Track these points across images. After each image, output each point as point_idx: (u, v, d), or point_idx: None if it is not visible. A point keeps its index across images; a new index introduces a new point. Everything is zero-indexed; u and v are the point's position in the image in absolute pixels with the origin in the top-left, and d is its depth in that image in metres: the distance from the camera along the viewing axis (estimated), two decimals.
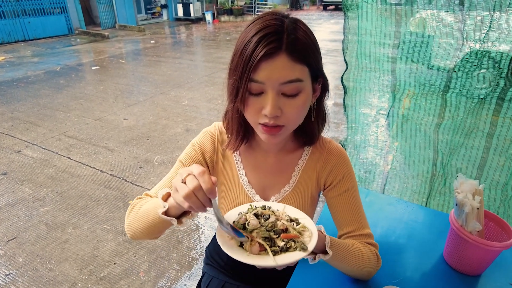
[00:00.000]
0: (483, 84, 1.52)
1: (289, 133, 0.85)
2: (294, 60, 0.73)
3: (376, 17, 1.62)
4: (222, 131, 1.00)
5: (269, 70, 0.72)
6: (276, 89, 0.74)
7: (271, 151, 0.98)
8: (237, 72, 0.75)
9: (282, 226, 0.74)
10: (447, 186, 1.73)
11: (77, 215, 2.85)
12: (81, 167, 3.60)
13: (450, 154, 1.66)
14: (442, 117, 1.65)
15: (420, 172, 1.80)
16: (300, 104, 0.78)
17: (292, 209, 0.82)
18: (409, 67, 1.64)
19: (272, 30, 0.72)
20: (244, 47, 0.74)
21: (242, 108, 0.79)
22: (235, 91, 0.77)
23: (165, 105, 5.43)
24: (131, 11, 14.59)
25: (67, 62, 8.25)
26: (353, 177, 1.00)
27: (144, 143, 4.15)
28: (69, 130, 4.48)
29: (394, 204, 1.58)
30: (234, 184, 1.00)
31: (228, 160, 1.01)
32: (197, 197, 0.65)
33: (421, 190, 1.83)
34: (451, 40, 1.49)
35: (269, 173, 0.99)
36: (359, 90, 1.79)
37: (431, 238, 1.30)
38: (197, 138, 1.01)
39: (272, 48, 0.71)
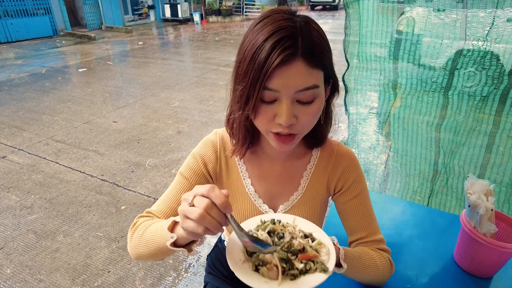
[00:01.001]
0: (472, 82, 1.50)
1: (300, 139, 0.81)
2: (311, 65, 0.68)
3: (377, 18, 1.59)
4: (224, 139, 0.94)
5: (284, 77, 0.67)
6: (291, 97, 0.69)
7: (278, 157, 0.93)
8: (248, 78, 0.69)
9: (299, 246, 0.68)
10: (449, 184, 1.72)
11: (67, 222, 2.75)
12: (70, 172, 3.49)
13: (452, 153, 1.65)
14: (444, 115, 1.63)
15: (421, 171, 1.78)
16: (315, 110, 0.74)
17: (303, 221, 0.77)
18: (410, 65, 1.62)
19: (286, 34, 0.67)
20: (255, 51, 0.68)
21: (253, 116, 0.74)
22: (245, 98, 0.71)
23: (155, 107, 5.33)
24: (118, 12, 14.36)
25: (53, 64, 8.05)
26: (363, 181, 0.96)
27: (135, 146, 4.06)
28: (56, 134, 4.35)
29: (397, 204, 1.55)
30: (240, 194, 0.95)
31: (233, 169, 0.95)
32: (212, 216, 0.60)
33: (423, 189, 1.81)
34: (452, 38, 1.46)
35: (276, 181, 0.94)
36: (359, 90, 1.76)
37: (438, 239, 1.27)
38: (197, 148, 0.95)
39: (288, 55, 0.66)
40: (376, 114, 1.84)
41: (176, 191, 0.90)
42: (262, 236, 0.69)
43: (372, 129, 1.89)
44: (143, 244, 0.79)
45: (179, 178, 0.92)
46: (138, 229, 0.82)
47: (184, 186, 0.90)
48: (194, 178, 0.91)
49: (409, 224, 1.38)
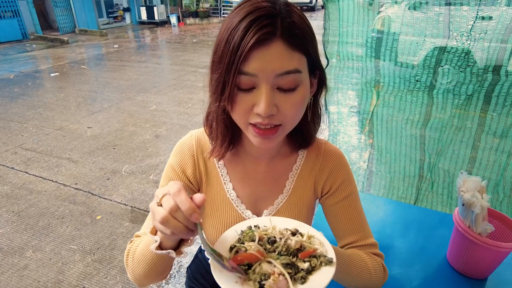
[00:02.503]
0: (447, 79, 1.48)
1: (285, 134, 0.73)
2: (292, 47, 0.61)
3: (358, 13, 1.54)
4: (201, 140, 0.85)
5: (262, 60, 0.60)
6: (270, 83, 0.62)
7: (262, 158, 0.85)
8: (223, 64, 0.62)
9: (297, 245, 0.61)
10: (434, 190, 1.68)
11: (37, 236, 2.57)
12: (41, 182, 3.29)
13: (437, 155, 1.61)
14: (428, 115, 1.60)
15: (406, 174, 1.74)
16: (299, 99, 0.65)
17: (280, 220, 0.70)
18: (392, 63, 1.58)
19: (264, 13, 0.60)
20: (230, 33, 0.61)
21: (230, 107, 0.66)
22: (220, 87, 0.64)
23: (131, 111, 5.15)
24: (92, 15, 13.94)
25: (22, 69, 7.69)
26: (353, 182, 0.90)
27: (111, 152, 3.89)
28: (26, 142, 4.12)
29: (384, 204, 1.51)
30: (221, 200, 0.86)
31: (212, 173, 0.86)
32: (177, 219, 0.53)
33: (408, 194, 1.77)
34: (436, 35, 1.43)
35: (260, 184, 0.86)
36: (340, 88, 1.70)
37: (429, 239, 1.23)
38: (172, 155, 0.86)
39: (266, 34, 0.59)
40: (357, 113, 1.79)
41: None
42: (250, 248, 0.61)
43: (353, 129, 1.84)
44: (137, 263, 0.72)
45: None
46: (130, 253, 0.76)
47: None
48: None
49: (398, 225, 1.33)
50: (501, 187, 1.57)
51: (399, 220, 1.37)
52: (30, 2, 11.80)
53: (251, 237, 0.64)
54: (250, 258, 0.59)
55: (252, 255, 0.59)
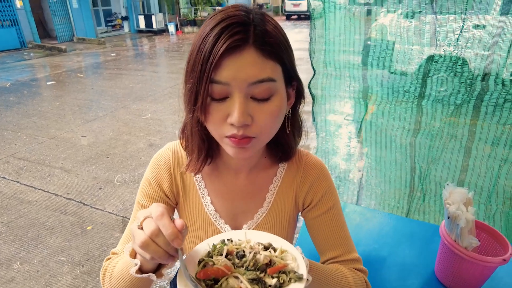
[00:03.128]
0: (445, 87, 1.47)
1: (261, 146, 0.71)
2: (264, 55, 0.60)
3: (345, 23, 1.54)
4: (177, 153, 0.83)
5: (234, 68, 0.58)
6: (244, 92, 0.60)
7: (241, 170, 0.83)
8: (195, 73, 0.60)
9: (266, 260, 0.59)
10: (426, 202, 1.65)
11: (26, 247, 2.53)
12: (32, 192, 3.25)
13: (428, 167, 1.59)
14: (418, 126, 1.58)
15: (397, 186, 1.71)
16: (274, 109, 0.64)
17: (256, 233, 0.68)
18: (380, 72, 1.56)
19: (236, 21, 0.59)
20: (202, 42, 0.60)
21: (203, 117, 0.64)
22: (193, 97, 0.62)
23: (126, 119, 5.14)
24: (90, 23, 14.03)
25: (19, 78, 7.69)
26: (335, 194, 0.87)
27: (104, 161, 3.86)
28: (19, 151, 4.09)
29: (374, 216, 1.48)
30: (199, 215, 0.84)
31: (189, 186, 0.84)
32: (158, 244, 0.51)
33: (400, 206, 1.75)
34: (423, 44, 1.42)
35: (240, 197, 0.84)
36: (328, 98, 1.69)
37: (419, 252, 1.20)
38: (149, 170, 0.84)
39: (237, 40, 0.57)
40: (346, 124, 1.77)
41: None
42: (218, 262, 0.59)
43: (342, 140, 1.82)
44: (115, 284, 0.69)
45: (138, 209, 0.83)
46: (107, 273, 0.73)
47: None
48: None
49: (389, 237, 1.30)
50: (494, 199, 1.55)
51: (389, 233, 1.34)
52: (28, 11, 11.88)
53: (221, 251, 0.62)
54: (217, 273, 0.57)
55: (219, 269, 0.57)
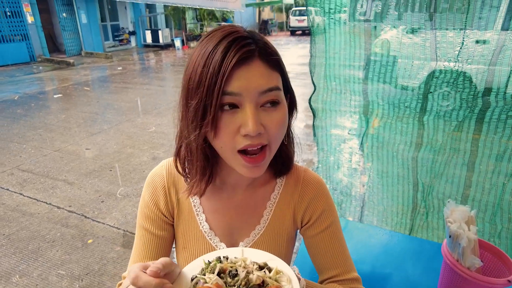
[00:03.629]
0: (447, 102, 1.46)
1: (271, 158, 0.70)
2: (270, 66, 0.63)
3: (345, 39, 1.55)
4: (171, 170, 0.82)
5: (245, 78, 0.60)
6: (254, 101, 0.61)
7: (239, 186, 0.82)
8: (203, 87, 0.60)
9: (258, 280, 0.58)
10: (429, 220, 1.63)
11: (26, 260, 2.51)
12: (35, 204, 3.26)
13: (431, 183, 1.57)
14: (420, 142, 1.57)
15: (399, 204, 1.69)
16: (281, 117, 0.66)
17: (253, 252, 0.66)
18: (380, 88, 1.56)
19: (241, 35, 0.62)
20: (208, 58, 0.61)
21: (213, 132, 0.63)
22: (201, 112, 0.61)
23: (130, 132, 5.17)
24: (98, 38, 14.32)
25: (27, 91, 7.82)
26: (334, 211, 0.86)
27: (107, 174, 3.86)
28: (23, 163, 4.12)
29: (377, 234, 1.46)
30: (193, 232, 0.83)
31: (184, 204, 0.83)
32: None
33: (402, 225, 1.72)
34: (423, 59, 1.42)
35: (236, 214, 0.83)
36: (329, 113, 1.69)
37: (422, 271, 1.18)
38: (145, 190, 0.84)
39: (246, 52, 0.60)
40: (346, 140, 1.76)
41: (142, 249, 0.81)
42: (210, 280, 0.58)
43: (344, 156, 1.81)
44: None
45: (140, 232, 0.82)
46: None
47: (148, 239, 0.81)
48: (154, 227, 0.82)
49: (389, 255, 1.28)
50: (499, 217, 1.52)
51: (392, 251, 1.32)
52: (39, 26, 12.17)
53: (214, 269, 0.61)
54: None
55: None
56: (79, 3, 13.27)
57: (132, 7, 16.00)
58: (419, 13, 1.25)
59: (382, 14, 1.32)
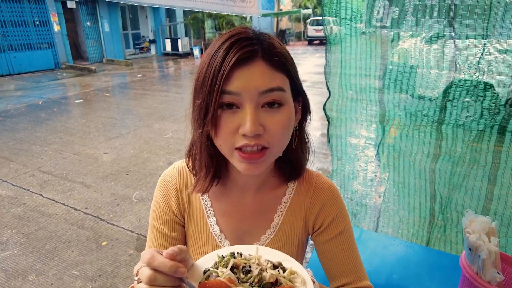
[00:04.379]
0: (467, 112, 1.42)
1: (272, 159, 0.70)
2: (273, 67, 0.63)
3: (361, 47, 1.54)
4: (184, 171, 0.83)
5: (244, 78, 0.60)
6: (254, 101, 0.61)
7: (248, 189, 0.81)
8: (205, 87, 0.62)
9: (272, 278, 0.57)
10: (447, 233, 1.56)
11: (42, 260, 2.57)
12: (53, 205, 3.34)
13: (449, 195, 1.51)
14: (438, 152, 1.52)
15: (416, 215, 1.63)
16: (284, 119, 0.64)
17: (268, 251, 0.65)
18: (397, 96, 1.53)
19: (245, 36, 0.63)
20: (212, 57, 0.63)
21: (213, 131, 0.64)
22: (203, 110, 0.63)
23: (148, 138, 5.26)
24: (119, 46, 14.75)
25: (50, 96, 8.09)
26: (346, 217, 0.84)
27: (123, 178, 3.93)
28: (44, 165, 4.24)
29: (392, 244, 1.42)
30: (203, 234, 0.83)
31: (195, 205, 0.83)
32: (160, 285, 0.50)
33: (419, 237, 1.66)
34: (442, 68, 1.39)
35: (246, 217, 0.82)
36: (344, 120, 1.66)
37: (439, 284, 1.13)
38: (157, 191, 0.85)
39: (247, 52, 0.60)
40: (362, 148, 1.73)
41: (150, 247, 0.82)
42: (223, 274, 0.57)
43: (359, 164, 1.77)
44: None
45: (152, 233, 0.83)
46: None
47: (160, 240, 0.82)
48: (166, 228, 0.82)
49: (405, 267, 1.24)
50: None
51: (408, 263, 1.28)
52: (64, 35, 12.65)
53: (227, 264, 0.60)
54: (219, 285, 0.55)
55: (222, 282, 0.55)
56: (102, 12, 13.73)
57: (153, 16, 16.44)
58: (437, 19, 1.22)
59: (399, 20, 1.30)
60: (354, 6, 1.34)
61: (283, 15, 24.43)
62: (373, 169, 1.76)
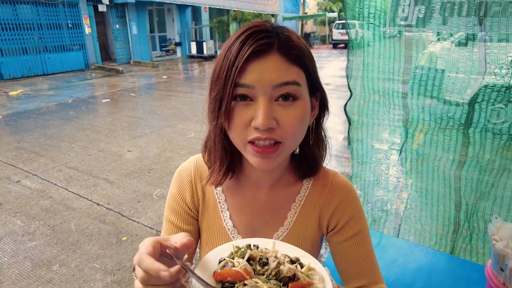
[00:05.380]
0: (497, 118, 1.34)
1: (286, 155, 0.69)
2: (289, 60, 0.62)
3: (385, 49, 1.49)
4: (199, 165, 0.84)
5: (259, 71, 0.60)
6: (268, 94, 0.61)
7: (263, 185, 0.80)
8: (220, 79, 0.62)
9: (289, 272, 0.55)
10: (473, 243, 1.48)
11: (66, 251, 2.66)
12: (77, 200, 3.45)
13: (475, 203, 1.44)
14: (464, 156, 1.45)
15: (439, 222, 1.56)
16: (299, 113, 0.63)
17: (285, 246, 0.64)
18: (421, 99, 1.48)
19: (261, 28, 0.62)
20: (228, 50, 0.63)
21: (227, 123, 0.64)
22: (218, 103, 0.63)
23: (171, 137, 5.35)
24: (146, 48, 15.14)
25: (80, 95, 8.41)
26: (363, 218, 0.81)
27: (146, 175, 4.01)
28: (71, 161, 4.40)
29: (413, 251, 1.36)
30: (217, 229, 0.82)
31: (209, 199, 0.83)
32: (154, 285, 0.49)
33: (442, 245, 1.59)
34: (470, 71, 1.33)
35: (259, 214, 0.81)
36: (366, 123, 1.62)
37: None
38: (172, 184, 0.86)
39: (262, 45, 0.60)
40: (384, 151, 1.68)
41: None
42: (239, 264, 0.55)
43: (379, 167, 1.72)
44: None
45: (166, 225, 0.84)
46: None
47: (174, 232, 0.83)
48: (180, 221, 0.83)
49: (425, 275, 1.19)
50: None
51: (430, 271, 1.23)
52: (95, 37, 13.14)
53: (244, 254, 0.59)
54: (235, 275, 0.54)
55: (238, 273, 0.54)
56: (131, 15, 14.16)
57: (179, 19, 16.78)
58: (466, 18, 1.17)
59: (425, 19, 1.25)
60: (378, 5, 1.31)
61: (308, 18, 24.33)
62: (396, 173, 1.70)
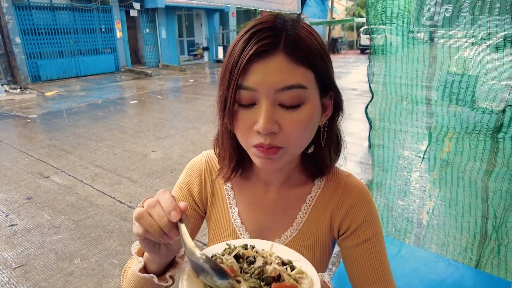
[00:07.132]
0: None
1: (290, 158, 0.67)
2: (295, 61, 0.57)
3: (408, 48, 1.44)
4: (211, 160, 0.83)
5: (261, 73, 0.57)
6: (271, 98, 0.58)
7: (272, 183, 0.79)
8: (225, 79, 0.61)
9: (274, 273, 0.54)
10: (502, 254, 1.39)
11: (87, 246, 2.74)
12: (101, 197, 3.55)
13: (505, 213, 1.35)
14: (492, 163, 1.36)
15: (465, 233, 1.47)
16: (303, 118, 0.60)
17: (283, 249, 0.62)
18: (446, 104, 1.41)
19: (267, 26, 0.59)
20: (233, 48, 0.60)
21: (231, 125, 0.63)
22: (223, 104, 0.62)
23: (194, 139, 5.43)
24: (174, 52, 15.51)
25: (109, 96, 8.72)
26: (377, 223, 0.77)
27: (168, 176, 4.08)
28: (97, 159, 4.55)
29: (434, 262, 1.29)
30: (224, 224, 0.81)
31: (218, 194, 0.82)
32: (152, 216, 0.51)
33: (467, 256, 1.50)
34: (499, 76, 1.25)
35: (268, 212, 0.79)
36: (387, 128, 1.56)
37: None
38: (182, 175, 0.85)
39: (266, 45, 0.56)
40: (410, 157, 1.61)
41: None
42: (227, 261, 0.55)
43: (401, 174, 1.65)
44: (128, 283, 0.70)
45: None
46: (126, 271, 0.74)
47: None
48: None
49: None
50: None
51: (454, 285, 1.16)
52: (126, 41, 13.61)
53: (235, 252, 0.58)
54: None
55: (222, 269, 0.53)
56: (160, 20, 14.57)
57: (207, 24, 17.09)
58: (498, 16, 1.10)
59: (452, 18, 1.19)
60: (402, 3, 1.26)
61: (335, 23, 24.07)
62: (418, 179, 1.63)
